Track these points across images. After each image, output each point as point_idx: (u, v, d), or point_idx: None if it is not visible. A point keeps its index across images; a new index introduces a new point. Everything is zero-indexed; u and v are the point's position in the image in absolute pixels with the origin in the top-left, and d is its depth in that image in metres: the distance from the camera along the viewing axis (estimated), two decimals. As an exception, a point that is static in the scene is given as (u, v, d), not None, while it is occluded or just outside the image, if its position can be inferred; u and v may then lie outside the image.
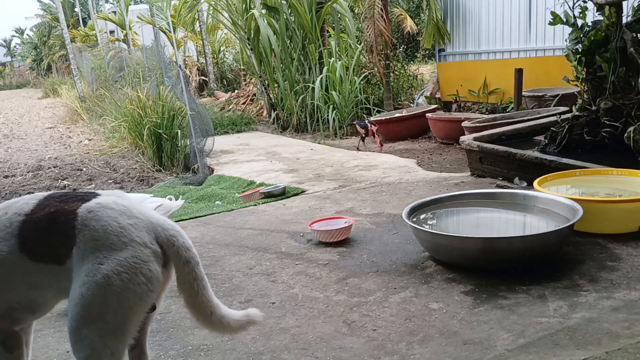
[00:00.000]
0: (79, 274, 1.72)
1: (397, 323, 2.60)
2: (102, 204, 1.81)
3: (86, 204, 1.80)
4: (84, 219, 1.76)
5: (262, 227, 4.34)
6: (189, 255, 1.82)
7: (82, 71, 19.94)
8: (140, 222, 1.80)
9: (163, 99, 8.42)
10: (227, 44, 19.00)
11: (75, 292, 1.71)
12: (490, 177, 5.06)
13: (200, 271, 1.85)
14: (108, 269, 1.69)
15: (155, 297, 1.83)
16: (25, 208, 1.84)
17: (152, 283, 1.76)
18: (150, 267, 1.75)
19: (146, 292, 1.75)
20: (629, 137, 4.34)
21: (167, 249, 1.81)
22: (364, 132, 7.68)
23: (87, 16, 33.29)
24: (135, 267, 1.72)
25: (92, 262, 1.71)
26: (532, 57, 8.21)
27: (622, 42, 4.59)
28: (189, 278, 1.82)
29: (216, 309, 1.87)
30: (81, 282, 1.70)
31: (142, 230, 1.78)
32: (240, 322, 1.92)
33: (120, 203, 1.83)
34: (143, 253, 1.75)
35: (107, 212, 1.78)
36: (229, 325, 1.90)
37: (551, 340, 2.32)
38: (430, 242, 3.29)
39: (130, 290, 1.72)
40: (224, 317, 1.88)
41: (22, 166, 8.69)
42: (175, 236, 1.83)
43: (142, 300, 1.76)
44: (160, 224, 1.83)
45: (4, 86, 46.12)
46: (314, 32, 10.08)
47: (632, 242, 3.29)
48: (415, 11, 20.19)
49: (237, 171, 6.92)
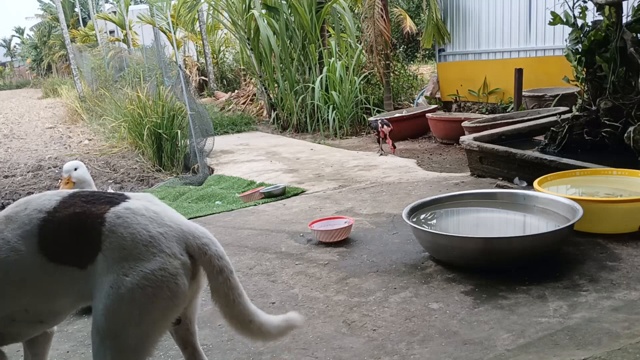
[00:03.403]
0: (103, 283, 1.64)
1: (397, 323, 2.60)
2: (132, 210, 1.71)
3: (115, 208, 1.71)
4: (112, 224, 1.67)
5: (262, 227, 4.34)
6: (222, 264, 1.73)
7: (82, 71, 19.94)
8: (171, 231, 1.70)
9: (163, 99, 8.42)
10: (227, 44, 19.01)
11: (100, 303, 1.64)
12: (490, 177, 5.06)
13: (234, 279, 1.76)
14: (133, 282, 1.61)
15: (180, 311, 1.75)
16: (47, 205, 1.75)
17: (177, 298, 1.68)
18: (177, 280, 1.66)
19: (171, 307, 1.68)
20: (629, 137, 4.34)
21: (199, 258, 1.72)
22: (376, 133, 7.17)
23: (87, 16, 33.28)
24: (162, 280, 1.63)
25: (117, 272, 1.63)
26: (532, 57, 8.21)
27: (622, 42, 4.59)
28: (223, 287, 1.74)
29: (255, 317, 1.78)
30: (105, 293, 1.63)
31: (172, 240, 1.69)
32: (280, 327, 1.84)
33: (151, 209, 1.74)
34: (171, 265, 1.66)
35: (137, 218, 1.69)
36: (269, 332, 1.82)
37: (551, 340, 2.32)
38: (430, 242, 3.29)
39: (154, 305, 1.64)
40: (263, 324, 1.79)
41: (22, 166, 8.69)
42: (208, 244, 1.74)
43: (166, 315, 1.69)
44: (192, 232, 1.74)
45: (4, 86, 46.13)
46: (314, 32, 10.09)
47: (632, 242, 3.29)
48: (415, 11, 20.19)
49: (237, 171, 6.92)
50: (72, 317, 2.96)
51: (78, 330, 2.86)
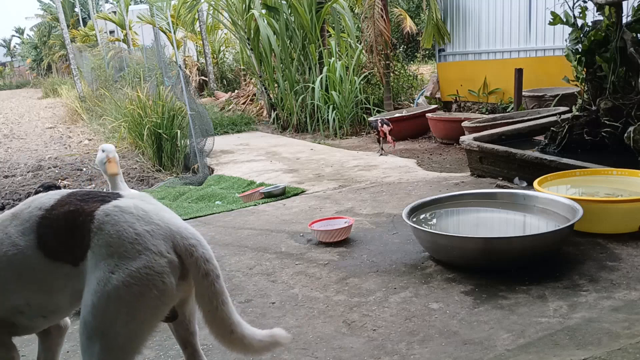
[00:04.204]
0: (91, 279, 1.65)
1: (397, 323, 2.60)
2: (121, 207, 1.72)
3: (104, 206, 1.72)
4: (100, 222, 1.69)
5: (262, 227, 4.34)
6: (208, 268, 1.70)
7: (82, 71, 19.95)
8: (158, 229, 1.69)
9: (163, 99, 8.42)
10: (227, 44, 19.01)
11: (87, 299, 1.65)
12: (490, 177, 5.06)
13: (220, 285, 1.72)
14: (119, 280, 1.61)
15: (167, 310, 1.73)
16: (47, 203, 1.79)
17: (165, 296, 1.66)
18: (164, 279, 1.65)
19: (159, 305, 1.67)
20: (629, 137, 4.34)
21: (186, 259, 1.70)
22: (376, 133, 7.11)
23: (87, 16, 33.29)
24: (147, 278, 1.62)
25: (104, 269, 1.63)
26: (532, 57, 8.21)
27: (622, 42, 4.59)
28: (207, 292, 1.70)
29: (237, 327, 1.75)
30: (93, 289, 1.64)
31: (158, 238, 1.68)
32: (263, 342, 1.78)
33: (141, 207, 1.74)
34: (157, 263, 1.64)
35: (124, 216, 1.69)
36: (251, 345, 1.76)
37: (551, 340, 2.32)
38: (430, 242, 3.29)
39: (141, 303, 1.63)
40: (245, 336, 1.75)
41: (22, 166, 8.69)
42: (195, 246, 1.71)
43: (154, 313, 1.67)
44: (180, 232, 1.72)
45: (4, 86, 46.13)
46: (314, 32, 10.09)
47: (632, 242, 3.29)
48: (415, 11, 20.20)
49: (237, 171, 6.92)
50: (72, 318, 2.96)
51: (78, 330, 2.86)
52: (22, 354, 2.19)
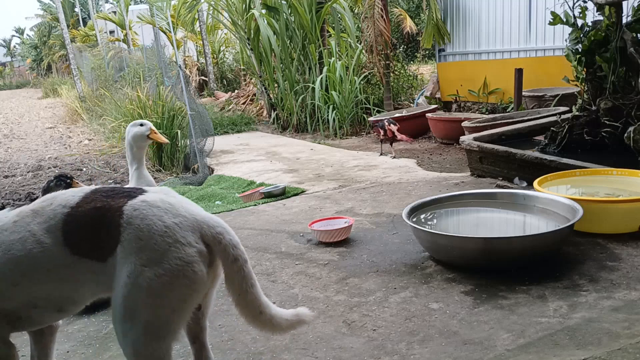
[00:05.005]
0: (121, 273, 1.69)
1: (397, 323, 2.60)
2: (148, 202, 1.77)
3: (132, 201, 1.77)
4: (129, 216, 1.73)
5: (262, 227, 4.34)
6: (236, 253, 1.78)
7: (82, 71, 19.95)
8: (185, 221, 1.75)
9: (163, 99, 8.43)
10: (227, 44, 19.02)
11: (118, 292, 1.69)
12: (490, 177, 5.06)
13: (248, 269, 1.81)
14: (150, 272, 1.66)
15: (200, 297, 1.80)
16: (71, 201, 1.82)
17: (196, 284, 1.73)
18: (194, 268, 1.71)
19: (190, 293, 1.73)
20: (629, 137, 4.34)
21: (214, 246, 1.77)
22: (383, 133, 6.89)
23: (87, 16, 33.29)
24: (177, 269, 1.68)
25: (134, 262, 1.68)
26: (532, 57, 8.21)
27: (622, 42, 4.59)
28: (237, 276, 1.79)
29: (265, 309, 1.83)
30: (123, 283, 1.68)
31: (187, 230, 1.73)
32: (290, 321, 1.88)
33: (167, 201, 1.79)
34: (187, 254, 1.70)
35: (152, 210, 1.74)
36: (279, 325, 1.86)
37: (551, 340, 2.32)
38: (430, 242, 3.29)
39: (172, 292, 1.69)
40: (273, 316, 1.84)
41: (22, 166, 8.69)
42: (222, 233, 1.78)
43: (185, 302, 1.73)
44: (207, 222, 1.78)
45: (4, 86, 46.14)
46: (314, 32, 10.09)
47: (632, 242, 3.29)
48: (415, 11, 20.21)
49: (237, 171, 6.92)
50: (72, 317, 2.96)
51: (78, 330, 2.86)
52: (21, 354, 2.19)
